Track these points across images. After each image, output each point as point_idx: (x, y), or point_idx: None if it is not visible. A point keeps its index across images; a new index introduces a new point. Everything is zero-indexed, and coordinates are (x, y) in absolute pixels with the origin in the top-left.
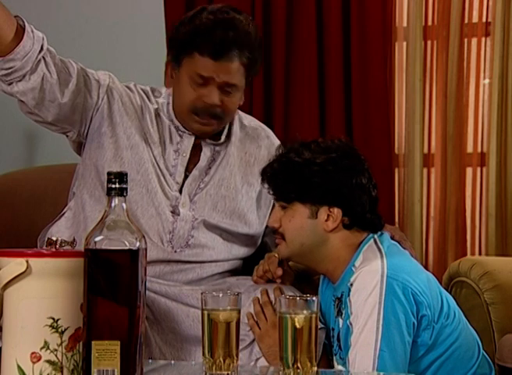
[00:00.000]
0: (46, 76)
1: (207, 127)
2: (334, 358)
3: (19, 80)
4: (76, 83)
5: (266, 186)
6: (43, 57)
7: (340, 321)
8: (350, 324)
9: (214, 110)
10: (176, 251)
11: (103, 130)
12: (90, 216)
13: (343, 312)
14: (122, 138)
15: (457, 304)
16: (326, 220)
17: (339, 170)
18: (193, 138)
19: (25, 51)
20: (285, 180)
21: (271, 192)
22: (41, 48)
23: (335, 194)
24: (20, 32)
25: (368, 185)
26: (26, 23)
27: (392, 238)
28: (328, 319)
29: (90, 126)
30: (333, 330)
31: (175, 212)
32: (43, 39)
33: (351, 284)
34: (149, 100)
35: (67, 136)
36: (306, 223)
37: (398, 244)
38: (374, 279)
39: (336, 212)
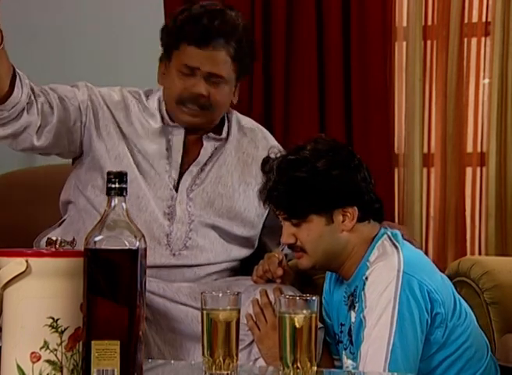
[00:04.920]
0: (27, 126)
1: (195, 119)
2: (344, 352)
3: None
4: (56, 125)
5: (274, 209)
6: (27, 104)
7: (353, 314)
8: (364, 318)
9: (201, 100)
10: (174, 255)
11: (95, 144)
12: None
13: (356, 305)
14: (107, 151)
15: None
16: (343, 221)
17: (343, 171)
18: (182, 132)
19: (14, 103)
20: (296, 199)
21: (281, 213)
22: (29, 98)
23: (347, 195)
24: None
25: (366, 173)
26: (17, 72)
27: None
28: (337, 317)
29: (83, 143)
30: (342, 325)
31: (171, 213)
32: (30, 88)
33: (366, 278)
34: (138, 101)
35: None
36: (324, 231)
37: (409, 243)
38: (390, 274)
39: (352, 210)
